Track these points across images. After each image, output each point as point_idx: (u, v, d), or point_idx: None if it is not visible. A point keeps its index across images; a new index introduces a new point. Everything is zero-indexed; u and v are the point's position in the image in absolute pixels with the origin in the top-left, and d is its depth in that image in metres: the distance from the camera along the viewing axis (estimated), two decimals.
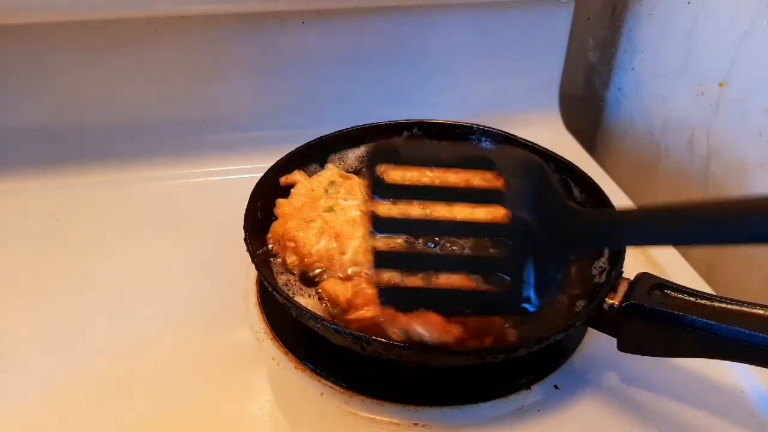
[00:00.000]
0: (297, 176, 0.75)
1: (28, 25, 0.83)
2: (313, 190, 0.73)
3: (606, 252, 0.68)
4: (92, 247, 0.79)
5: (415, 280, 0.53)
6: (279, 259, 0.66)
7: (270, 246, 0.68)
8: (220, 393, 0.61)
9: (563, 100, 1.06)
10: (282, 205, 0.71)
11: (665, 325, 0.55)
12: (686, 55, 0.90)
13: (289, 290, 0.63)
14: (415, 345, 0.56)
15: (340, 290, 0.61)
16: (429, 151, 0.56)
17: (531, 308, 0.50)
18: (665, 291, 0.57)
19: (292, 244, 0.66)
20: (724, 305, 0.54)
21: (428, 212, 0.55)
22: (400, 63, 0.98)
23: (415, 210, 0.54)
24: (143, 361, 0.64)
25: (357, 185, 0.74)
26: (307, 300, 0.62)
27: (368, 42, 0.95)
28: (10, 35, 0.83)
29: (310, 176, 0.76)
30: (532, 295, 0.50)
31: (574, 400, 0.61)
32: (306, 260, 0.65)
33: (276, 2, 0.87)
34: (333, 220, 0.68)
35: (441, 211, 0.53)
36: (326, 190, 0.72)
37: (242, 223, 0.66)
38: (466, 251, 0.57)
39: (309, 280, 0.64)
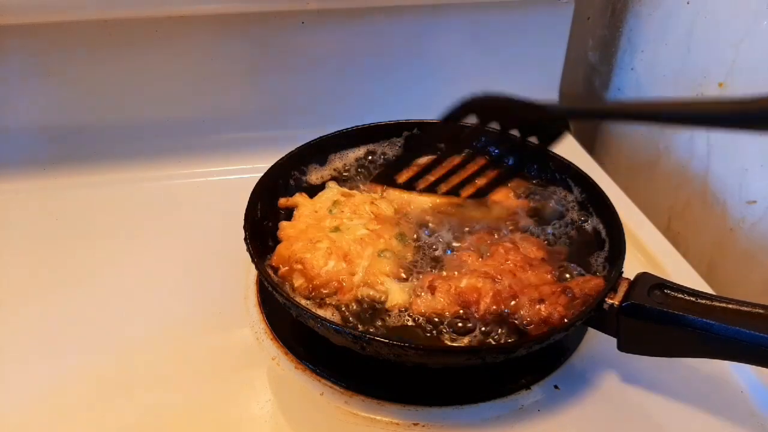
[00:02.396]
0: (298, 199, 0.73)
1: (28, 25, 0.83)
2: (316, 211, 0.71)
3: (606, 252, 0.68)
4: (92, 247, 0.79)
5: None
6: (286, 284, 0.64)
7: (276, 270, 0.65)
8: (220, 393, 0.61)
9: (563, 100, 1.06)
10: (286, 228, 0.69)
11: (665, 325, 0.55)
12: (686, 56, 0.90)
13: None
14: (414, 345, 0.57)
15: (443, 302, 0.60)
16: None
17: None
18: (665, 291, 0.57)
19: (300, 267, 0.63)
20: (724, 305, 0.54)
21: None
22: (400, 63, 0.98)
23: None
24: (143, 361, 0.64)
25: (361, 203, 0.72)
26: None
27: (368, 42, 0.95)
28: (10, 35, 0.83)
29: (311, 197, 0.74)
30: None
31: (574, 400, 0.61)
32: (315, 282, 0.62)
33: (276, 2, 0.87)
34: (340, 240, 0.65)
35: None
36: (330, 211, 0.70)
37: (242, 223, 0.66)
38: None
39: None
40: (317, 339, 0.60)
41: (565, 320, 0.58)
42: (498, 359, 0.57)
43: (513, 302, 0.60)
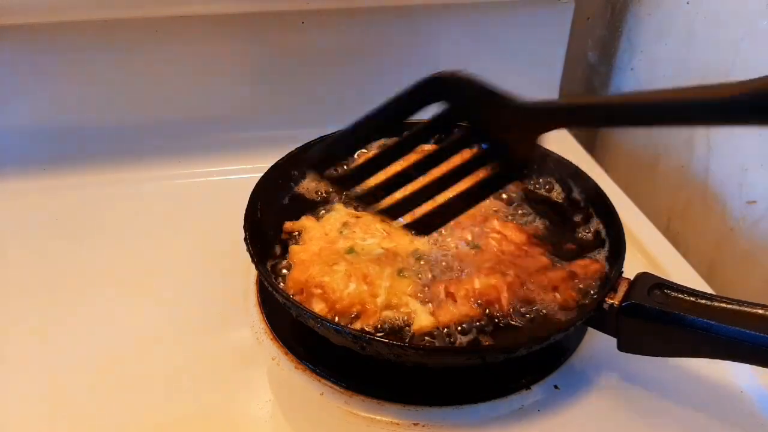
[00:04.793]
0: (305, 222, 0.70)
1: (28, 25, 0.83)
2: (326, 233, 0.68)
3: (605, 250, 0.68)
4: (92, 248, 0.79)
5: (427, 206, 0.60)
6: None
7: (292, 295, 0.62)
8: (220, 393, 0.61)
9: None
10: (298, 252, 0.66)
11: (665, 325, 0.55)
12: (685, 56, 0.90)
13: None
14: (414, 345, 0.57)
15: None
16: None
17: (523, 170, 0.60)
18: (665, 291, 0.57)
19: (319, 291, 0.61)
20: (724, 305, 0.54)
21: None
22: (401, 63, 0.97)
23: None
24: (143, 361, 0.64)
25: (371, 221, 0.69)
26: None
27: (368, 42, 0.95)
28: (10, 35, 0.83)
29: (318, 219, 0.72)
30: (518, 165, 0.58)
31: (574, 400, 0.61)
32: (337, 306, 0.60)
33: (276, 2, 0.87)
34: (357, 262, 0.63)
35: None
36: (341, 232, 0.68)
37: (242, 223, 0.66)
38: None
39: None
40: (317, 339, 0.60)
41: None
42: (498, 359, 0.57)
43: (526, 291, 0.61)
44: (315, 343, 0.61)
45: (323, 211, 0.73)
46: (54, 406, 0.59)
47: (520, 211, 0.73)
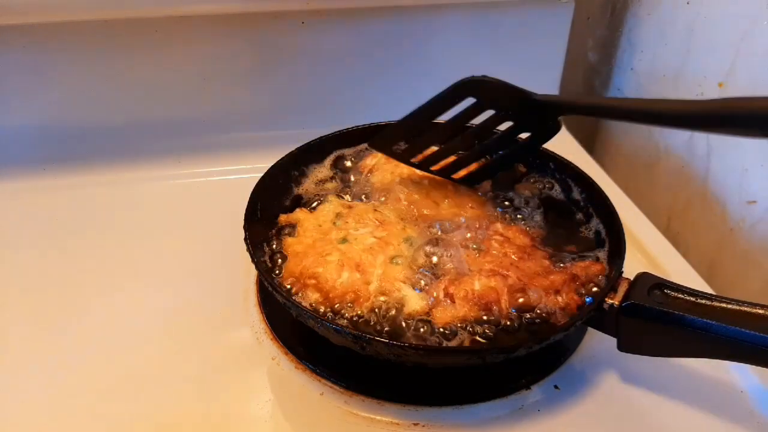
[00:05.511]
0: (299, 214, 0.71)
1: (28, 25, 0.83)
2: (320, 225, 0.69)
3: (606, 251, 0.68)
4: (92, 247, 0.79)
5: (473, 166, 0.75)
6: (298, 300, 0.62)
7: (288, 287, 0.63)
8: (220, 393, 0.61)
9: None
10: (292, 245, 0.67)
11: (665, 325, 0.55)
12: (685, 56, 0.90)
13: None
14: (415, 345, 0.57)
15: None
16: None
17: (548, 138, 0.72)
18: (665, 291, 0.57)
19: (313, 281, 0.62)
20: (724, 305, 0.54)
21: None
22: (400, 63, 0.98)
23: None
24: (143, 361, 0.64)
25: (364, 211, 0.70)
26: None
27: (368, 42, 0.95)
28: (10, 35, 0.83)
29: (311, 211, 0.72)
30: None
31: (574, 400, 0.61)
32: (331, 295, 0.61)
33: (276, 2, 0.87)
34: (350, 251, 0.64)
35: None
36: (334, 222, 0.69)
37: (242, 223, 0.66)
38: None
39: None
40: (317, 339, 0.60)
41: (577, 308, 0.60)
42: (498, 359, 0.57)
43: (527, 294, 0.61)
44: (315, 343, 0.61)
45: (316, 203, 0.74)
46: (53, 406, 0.59)
47: (521, 213, 0.73)
